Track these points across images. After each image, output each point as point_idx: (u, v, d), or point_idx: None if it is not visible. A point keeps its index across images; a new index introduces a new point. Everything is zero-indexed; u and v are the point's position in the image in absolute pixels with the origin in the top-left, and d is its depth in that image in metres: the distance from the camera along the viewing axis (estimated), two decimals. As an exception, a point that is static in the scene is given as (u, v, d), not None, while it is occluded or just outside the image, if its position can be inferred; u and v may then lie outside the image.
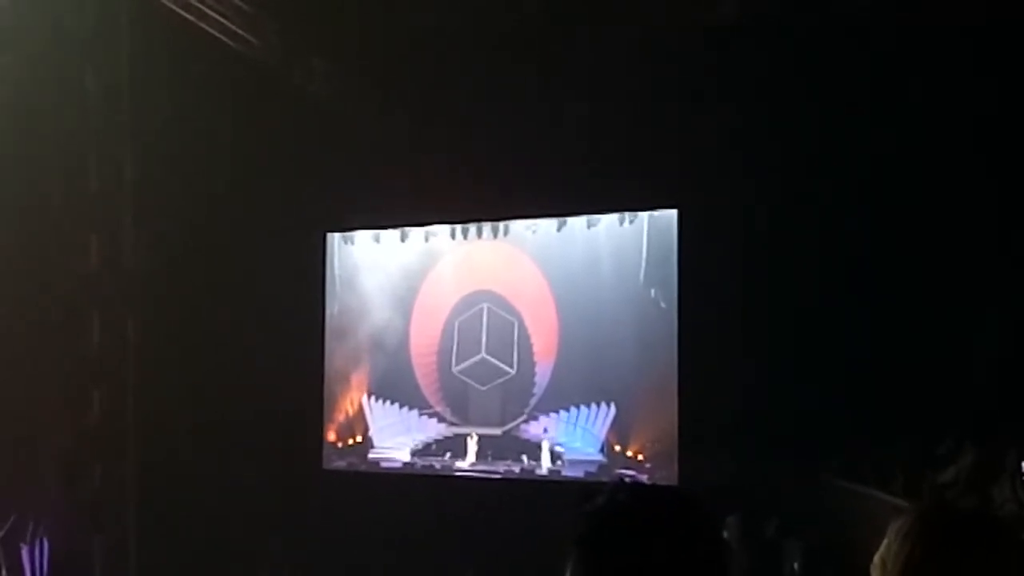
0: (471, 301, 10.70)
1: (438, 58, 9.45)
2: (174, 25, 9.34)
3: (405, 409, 10.83)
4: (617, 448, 9.90)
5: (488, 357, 10.55)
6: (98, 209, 10.12)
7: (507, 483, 10.24)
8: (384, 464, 10.86)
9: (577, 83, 9.23)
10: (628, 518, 1.82)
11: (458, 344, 10.70)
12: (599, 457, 9.99)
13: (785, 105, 8.58)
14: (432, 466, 10.67)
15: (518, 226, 10.58)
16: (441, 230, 10.90)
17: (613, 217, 10.11)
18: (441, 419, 10.69)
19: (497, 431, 10.43)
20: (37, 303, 9.86)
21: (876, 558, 2.40)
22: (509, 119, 9.53)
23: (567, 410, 10.17)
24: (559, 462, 10.16)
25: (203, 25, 9.39)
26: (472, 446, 10.51)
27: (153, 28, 9.68)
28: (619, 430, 9.92)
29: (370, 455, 10.95)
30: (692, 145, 8.84)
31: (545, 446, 10.28)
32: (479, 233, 10.76)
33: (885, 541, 2.37)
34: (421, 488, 10.38)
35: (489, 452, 10.44)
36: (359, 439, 11.00)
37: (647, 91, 8.88)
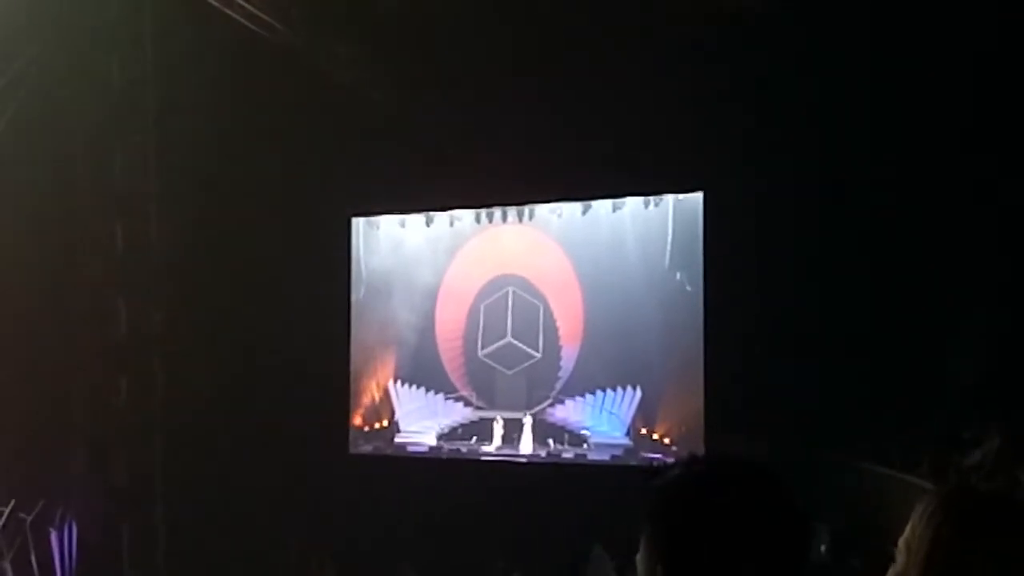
0: (496, 285, 10.69)
1: (463, 42, 9.44)
2: (198, 11, 9.36)
3: (431, 393, 10.84)
4: (643, 431, 9.88)
5: (514, 341, 10.54)
6: (123, 197, 10.18)
7: (533, 467, 10.24)
8: (410, 448, 10.88)
9: (603, 66, 9.19)
10: (705, 490, 1.75)
11: (484, 328, 10.69)
12: (625, 440, 9.98)
13: (811, 88, 8.53)
14: (458, 450, 10.68)
15: (543, 210, 10.55)
16: (466, 214, 10.88)
17: (638, 200, 10.06)
18: (467, 403, 10.69)
19: (523, 415, 10.43)
20: (64, 291, 9.94)
21: (900, 542, 2.39)
22: (534, 103, 9.51)
23: (593, 394, 10.15)
24: (585, 446, 10.16)
25: (227, 11, 9.39)
26: (498, 430, 10.51)
27: (177, 15, 9.72)
28: (645, 413, 9.90)
29: (396, 439, 10.97)
30: (718, 128, 8.79)
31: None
32: (504, 217, 10.74)
33: (909, 524, 2.37)
34: (447, 472, 10.39)
35: (515, 436, 10.44)
36: (385, 423, 11.02)
37: (672, 74, 8.83)
